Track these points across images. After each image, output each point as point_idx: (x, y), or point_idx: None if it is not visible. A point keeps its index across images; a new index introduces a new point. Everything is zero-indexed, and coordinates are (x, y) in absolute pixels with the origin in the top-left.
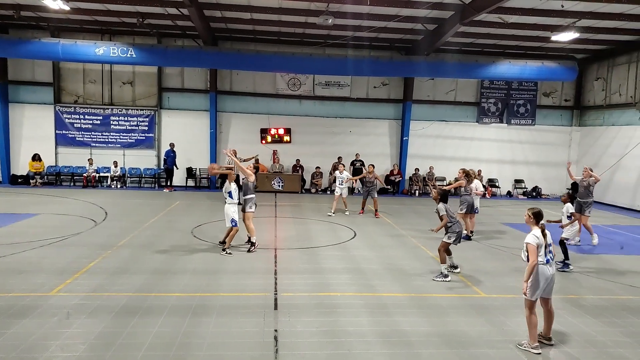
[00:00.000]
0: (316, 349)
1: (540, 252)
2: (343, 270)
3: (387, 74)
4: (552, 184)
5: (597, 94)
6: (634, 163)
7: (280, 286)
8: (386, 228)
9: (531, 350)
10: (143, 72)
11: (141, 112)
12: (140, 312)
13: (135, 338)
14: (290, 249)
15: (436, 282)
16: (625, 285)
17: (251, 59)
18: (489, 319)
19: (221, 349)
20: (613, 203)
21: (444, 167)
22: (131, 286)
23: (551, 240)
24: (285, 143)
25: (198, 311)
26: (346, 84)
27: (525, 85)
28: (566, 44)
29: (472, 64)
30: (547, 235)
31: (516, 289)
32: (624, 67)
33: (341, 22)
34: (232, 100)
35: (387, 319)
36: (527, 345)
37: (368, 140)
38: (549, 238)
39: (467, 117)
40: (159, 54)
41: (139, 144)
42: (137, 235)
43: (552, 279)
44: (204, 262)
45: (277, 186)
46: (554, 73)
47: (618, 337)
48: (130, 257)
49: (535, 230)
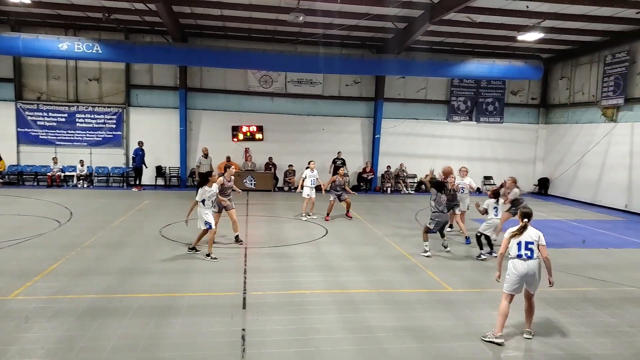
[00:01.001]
0: (284, 347)
1: (513, 247)
2: (313, 268)
3: (359, 72)
4: (520, 180)
5: (561, 93)
6: (596, 160)
7: (250, 285)
8: (358, 225)
9: (494, 340)
10: (110, 69)
11: (108, 110)
12: (104, 315)
13: (98, 341)
14: (261, 247)
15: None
16: (586, 278)
17: (221, 56)
18: (455, 314)
19: (187, 349)
20: (577, 198)
21: (415, 164)
22: (95, 288)
23: (534, 239)
24: (258, 141)
25: (165, 312)
26: (318, 82)
27: (494, 84)
28: (532, 43)
29: (442, 63)
30: (522, 233)
31: (482, 284)
32: (587, 67)
33: (312, 19)
34: (203, 98)
35: (355, 315)
36: (492, 335)
37: (341, 138)
38: (528, 236)
39: (438, 115)
40: (126, 50)
41: (106, 142)
42: (103, 236)
43: (529, 276)
44: (172, 262)
45: (249, 184)
46: (521, 72)
47: (578, 327)
48: (96, 258)
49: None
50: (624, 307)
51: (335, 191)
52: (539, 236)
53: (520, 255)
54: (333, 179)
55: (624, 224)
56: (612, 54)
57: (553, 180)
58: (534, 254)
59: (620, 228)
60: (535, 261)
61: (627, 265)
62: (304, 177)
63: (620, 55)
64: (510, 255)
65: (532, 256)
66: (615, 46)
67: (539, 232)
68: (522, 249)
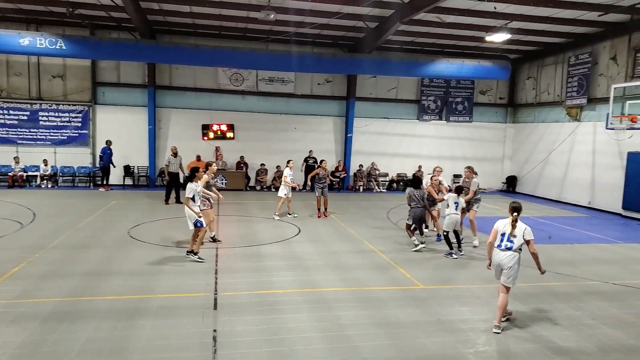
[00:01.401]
0: (256, 348)
1: (497, 237)
2: (286, 267)
3: (330, 70)
4: (489, 179)
5: (528, 93)
6: (561, 158)
7: (221, 285)
8: (331, 224)
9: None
10: (75, 65)
11: (74, 108)
12: (70, 318)
13: (63, 345)
14: (233, 247)
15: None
16: (552, 273)
17: (191, 54)
18: (426, 310)
19: (157, 352)
20: (543, 196)
21: (387, 163)
22: (60, 291)
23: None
24: (229, 139)
25: (133, 314)
26: (290, 81)
27: (463, 84)
28: (500, 44)
29: (413, 62)
30: (515, 227)
31: (452, 281)
32: (552, 68)
33: (283, 17)
34: (172, 96)
35: (328, 313)
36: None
37: (313, 137)
38: (515, 230)
39: (408, 115)
40: (92, 46)
41: (71, 141)
42: (69, 237)
43: (502, 265)
44: (141, 263)
45: (220, 184)
46: (489, 72)
47: (545, 321)
48: (61, 260)
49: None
50: (587, 300)
51: (319, 185)
52: (523, 231)
53: (500, 245)
54: (316, 171)
55: (587, 220)
56: (576, 55)
57: (520, 178)
58: (513, 247)
59: (584, 224)
60: (511, 253)
61: (591, 260)
62: (285, 176)
63: (583, 56)
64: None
65: (512, 248)
66: (578, 48)
67: (526, 227)
68: (504, 240)
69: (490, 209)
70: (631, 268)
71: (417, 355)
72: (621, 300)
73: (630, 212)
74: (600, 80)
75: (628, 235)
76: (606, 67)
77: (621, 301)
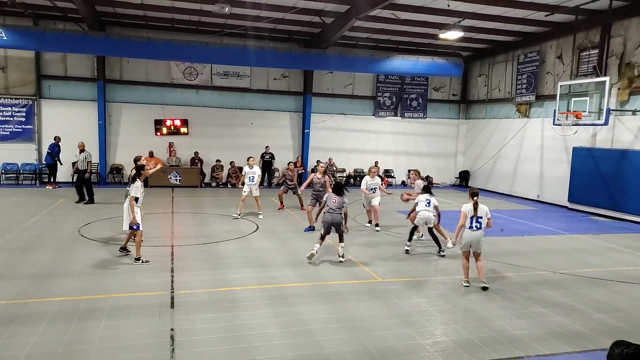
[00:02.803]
0: (216, 345)
1: (467, 220)
2: (244, 264)
3: (286, 65)
4: (442, 173)
5: (480, 89)
6: (512, 153)
7: (177, 284)
8: (288, 219)
9: (463, 283)
10: (17, 57)
11: (16, 102)
12: (17, 321)
13: (9, 350)
14: (189, 245)
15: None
16: (504, 264)
17: (142, 47)
18: (385, 303)
19: (111, 353)
20: (494, 190)
21: (344, 159)
22: (5, 293)
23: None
24: (182, 135)
25: (85, 315)
26: (246, 75)
27: (417, 80)
28: (453, 41)
29: (368, 59)
30: (477, 209)
31: (411, 273)
32: (502, 65)
33: (239, 11)
34: (123, 90)
35: (288, 309)
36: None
37: (270, 133)
38: (480, 211)
39: (365, 111)
40: (36, 37)
41: (15, 137)
42: (14, 237)
43: (475, 240)
44: (93, 262)
45: (174, 180)
46: (443, 69)
47: (497, 311)
48: (5, 262)
49: (468, 204)
50: (536, 289)
51: (288, 184)
52: (486, 212)
53: (472, 227)
54: (284, 174)
55: (536, 213)
56: (525, 53)
57: (472, 173)
58: (481, 226)
59: (533, 217)
60: (480, 231)
61: (539, 251)
62: (243, 174)
63: (531, 55)
64: (465, 226)
65: (480, 227)
66: (527, 46)
67: (486, 208)
68: (474, 222)
69: (444, 204)
70: (576, 258)
71: (377, 347)
72: (568, 288)
73: (575, 204)
74: (548, 78)
75: (573, 227)
76: (553, 66)
77: (568, 289)
